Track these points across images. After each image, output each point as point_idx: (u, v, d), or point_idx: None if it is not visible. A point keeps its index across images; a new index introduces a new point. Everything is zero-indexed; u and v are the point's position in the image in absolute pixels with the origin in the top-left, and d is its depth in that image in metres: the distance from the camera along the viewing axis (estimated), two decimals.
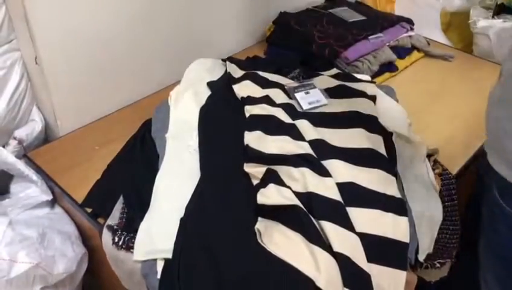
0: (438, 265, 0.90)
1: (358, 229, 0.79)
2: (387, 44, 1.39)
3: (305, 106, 1.02)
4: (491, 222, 0.86)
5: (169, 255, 0.76)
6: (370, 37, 1.37)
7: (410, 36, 1.46)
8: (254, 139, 0.89)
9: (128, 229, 0.83)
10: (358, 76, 1.16)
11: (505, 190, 0.78)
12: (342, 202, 0.81)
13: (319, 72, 1.13)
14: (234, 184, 0.85)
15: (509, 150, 0.74)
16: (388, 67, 1.36)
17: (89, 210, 0.93)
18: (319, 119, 0.98)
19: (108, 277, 0.94)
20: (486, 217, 0.88)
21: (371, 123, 0.97)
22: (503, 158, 0.77)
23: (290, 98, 1.05)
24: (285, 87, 1.05)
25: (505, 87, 0.77)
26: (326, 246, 0.73)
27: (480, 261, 0.94)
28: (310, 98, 1.03)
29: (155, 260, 0.77)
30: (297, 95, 1.04)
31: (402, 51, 1.42)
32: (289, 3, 1.56)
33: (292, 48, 1.40)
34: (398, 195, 0.86)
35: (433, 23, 1.91)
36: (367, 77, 1.20)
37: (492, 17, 1.74)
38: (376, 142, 0.93)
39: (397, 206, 0.84)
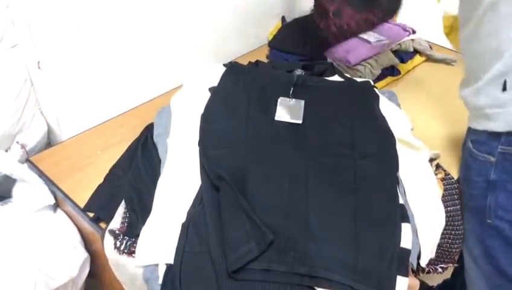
0: (440, 270, 0.90)
1: None
2: (389, 48, 1.39)
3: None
4: (465, 176, 0.95)
5: (171, 260, 0.76)
6: (372, 41, 1.37)
7: (412, 40, 1.46)
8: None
9: (130, 234, 0.83)
10: (359, 80, 1.16)
11: (476, 139, 0.90)
12: None
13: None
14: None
15: (480, 105, 0.87)
16: (390, 71, 1.36)
17: (91, 215, 0.93)
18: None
19: (110, 281, 0.94)
20: (462, 174, 0.97)
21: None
22: (476, 114, 0.90)
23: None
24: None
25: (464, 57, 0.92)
26: None
27: (464, 230, 0.96)
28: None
29: (157, 264, 0.77)
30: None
31: (404, 55, 1.42)
32: (293, 7, 1.56)
33: (294, 52, 1.40)
34: (400, 201, 0.85)
35: (435, 26, 1.90)
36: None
37: None
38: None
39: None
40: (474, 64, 0.89)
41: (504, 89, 0.82)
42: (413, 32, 1.48)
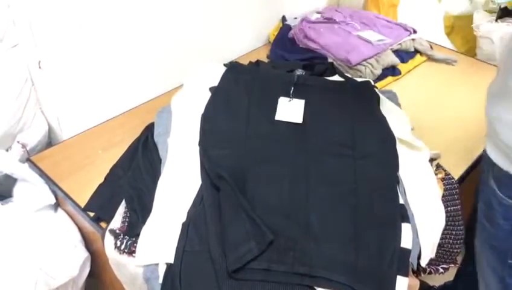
0: (441, 270, 0.90)
1: None
2: (390, 47, 1.39)
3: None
4: (487, 212, 0.88)
5: (171, 260, 0.76)
6: (373, 40, 1.37)
7: (413, 40, 1.46)
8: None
9: (131, 233, 0.83)
10: (360, 80, 1.16)
11: (502, 179, 0.81)
12: None
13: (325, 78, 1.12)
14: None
15: (505, 140, 0.77)
16: (391, 71, 1.36)
17: (92, 214, 0.93)
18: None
19: (111, 281, 0.94)
20: (482, 207, 0.90)
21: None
22: (499, 148, 0.80)
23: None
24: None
25: (500, 80, 0.80)
26: None
27: (476, 254, 0.95)
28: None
29: (157, 264, 0.77)
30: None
31: (405, 55, 1.42)
32: (294, 7, 1.56)
33: (295, 52, 1.40)
34: (400, 201, 0.85)
35: (436, 26, 1.91)
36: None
37: (496, 20, 1.74)
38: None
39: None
40: None
41: None
42: (414, 32, 1.48)
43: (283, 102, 1.01)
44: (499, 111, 0.79)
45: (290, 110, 0.99)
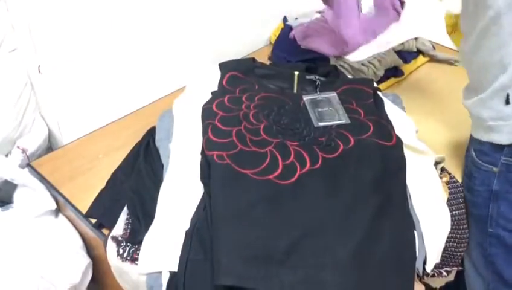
0: (445, 274, 0.90)
1: None
2: (392, 47, 1.38)
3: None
4: (469, 184, 0.95)
5: (175, 268, 0.75)
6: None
7: (415, 39, 1.45)
8: None
9: (133, 240, 0.83)
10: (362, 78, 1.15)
11: (480, 149, 0.90)
12: None
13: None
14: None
15: (484, 117, 0.87)
16: (393, 72, 1.35)
17: (93, 221, 0.93)
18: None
19: (113, 287, 0.93)
20: (465, 183, 0.98)
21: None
22: (480, 125, 0.89)
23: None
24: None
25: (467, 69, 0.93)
26: None
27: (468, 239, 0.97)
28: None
29: (160, 272, 0.76)
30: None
31: (407, 55, 1.41)
32: (295, 7, 1.55)
33: (297, 53, 1.39)
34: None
35: (438, 25, 1.89)
36: None
37: None
38: None
39: None
40: (477, 76, 0.90)
41: (507, 102, 0.82)
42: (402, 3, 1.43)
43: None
44: (465, 94, 0.94)
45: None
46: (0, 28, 0.98)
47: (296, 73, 1.06)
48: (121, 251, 0.81)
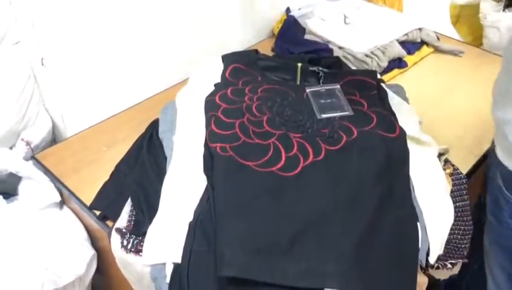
0: (449, 266, 0.89)
1: None
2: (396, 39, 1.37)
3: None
4: (494, 209, 0.88)
5: (179, 259, 0.75)
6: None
7: (419, 30, 1.44)
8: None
9: (137, 232, 0.83)
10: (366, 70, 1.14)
11: (509, 180, 0.81)
12: None
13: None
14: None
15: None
16: (397, 63, 1.34)
17: (98, 213, 0.93)
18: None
19: (118, 278, 0.94)
20: (490, 207, 0.90)
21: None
22: (507, 149, 0.79)
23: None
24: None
25: (503, 79, 0.79)
26: None
27: (485, 253, 0.95)
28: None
29: (164, 263, 0.77)
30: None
31: (411, 46, 1.40)
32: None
33: (300, 44, 1.38)
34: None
35: (442, 16, 1.88)
36: None
37: (503, 10, 1.71)
38: None
39: None
40: None
41: None
42: None
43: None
44: (504, 112, 0.78)
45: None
46: (3, 21, 0.97)
47: (299, 65, 1.06)
48: (125, 242, 0.81)
